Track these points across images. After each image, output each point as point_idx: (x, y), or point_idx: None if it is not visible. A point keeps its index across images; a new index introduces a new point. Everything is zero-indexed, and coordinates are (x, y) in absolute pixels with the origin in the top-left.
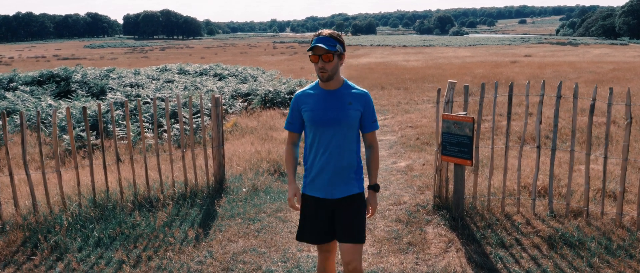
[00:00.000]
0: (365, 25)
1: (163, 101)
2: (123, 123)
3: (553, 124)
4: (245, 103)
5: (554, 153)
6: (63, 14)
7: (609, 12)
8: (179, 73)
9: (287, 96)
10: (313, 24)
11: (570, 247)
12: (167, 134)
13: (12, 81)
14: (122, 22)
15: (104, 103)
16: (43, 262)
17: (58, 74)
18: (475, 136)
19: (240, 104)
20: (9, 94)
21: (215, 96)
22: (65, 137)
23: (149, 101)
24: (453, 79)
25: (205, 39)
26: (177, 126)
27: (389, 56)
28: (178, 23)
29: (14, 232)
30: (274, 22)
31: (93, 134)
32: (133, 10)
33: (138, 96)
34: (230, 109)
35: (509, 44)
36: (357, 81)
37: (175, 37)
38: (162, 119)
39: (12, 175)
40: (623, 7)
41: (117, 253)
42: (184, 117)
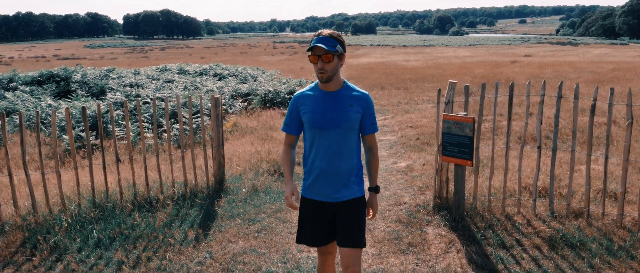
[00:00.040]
0: (365, 25)
1: (163, 101)
2: (122, 123)
3: (554, 125)
4: (245, 103)
5: (555, 154)
6: (63, 14)
7: (609, 12)
8: (179, 73)
9: (287, 96)
10: (313, 24)
11: (571, 248)
12: (166, 135)
13: (11, 81)
14: (122, 22)
15: (104, 103)
16: (42, 263)
17: (58, 74)
18: (476, 136)
19: (240, 104)
20: (9, 94)
21: (215, 96)
22: (65, 137)
23: (149, 101)
24: (453, 79)
25: (205, 39)
26: (176, 126)
27: (389, 55)
28: (178, 23)
29: (13, 233)
30: (274, 22)
31: (92, 135)
32: (133, 10)
33: (138, 96)
34: (230, 109)
35: (509, 44)
36: (356, 81)
37: (175, 37)
38: (161, 120)
39: (11, 175)
40: (623, 7)
41: (116, 254)
42: (184, 117)
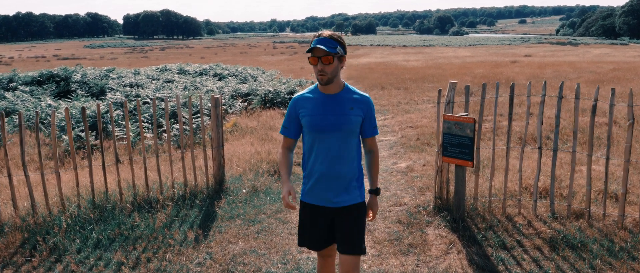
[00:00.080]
0: (365, 25)
1: (162, 101)
2: (122, 124)
3: (554, 125)
4: (245, 103)
5: (556, 154)
6: (63, 14)
7: (609, 12)
8: (179, 73)
9: (287, 96)
10: (313, 24)
11: (572, 249)
12: (166, 135)
13: (11, 81)
14: (122, 22)
15: (103, 103)
16: (42, 264)
17: (58, 74)
18: (477, 136)
19: (240, 105)
20: (9, 95)
21: (215, 96)
22: (65, 137)
23: (149, 101)
24: (453, 79)
25: (205, 39)
26: (176, 126)
27: (389, 56)
28: (178, 23)
29: (13, 233)
30: (274, 22)
31: (92, 135)
32: (133, 10)
33: (138, 96)
34: (230, 110)
35: (509, 44)
36: (356, 81)
37: (175, 37)
38: (161, 120)
39: (10, 175)
40: (623, 7)
41: (116, 255)
42: (184, 117)
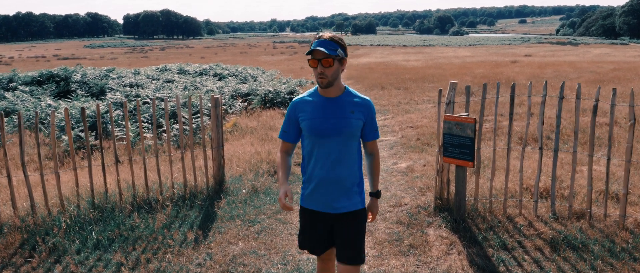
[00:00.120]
0: (365, 25)
1: (162, 101)
2: (122, 124)
3: (555, 125)
4: (245, 103)
5: (557, 154)
6: (63, 14)
7: (609, 12)
8: (179, 73)
9: (287, 96)
10: (313, 24)
11: (573, 250)
12: (166, 135)
13: (11, 81)
14: (122, 22)
15: (103, 104)
16: (41, 264)
17: (58, 74)
18: (477, 137)
19: (240, 105)
20: (9, 94)
21: (215, 96)
22: (64, 138)
23: (149, 101)
24: (453, 79)
25: (205, 39)
26: (176, 126)
27: (389, 55)
28: (178, 23)
29: (12, 234)
30: (274, 22)
31: (92, 135)
32: (133, 10)
33: (138, 96)
34: (230, 110)
35: (509, 44)
36: (356, 81)
37: (175, 37)
38: (161, 120)
39: (10, 176)
40: (623, 7)
41: (115, 256)
42: (184, 117)
